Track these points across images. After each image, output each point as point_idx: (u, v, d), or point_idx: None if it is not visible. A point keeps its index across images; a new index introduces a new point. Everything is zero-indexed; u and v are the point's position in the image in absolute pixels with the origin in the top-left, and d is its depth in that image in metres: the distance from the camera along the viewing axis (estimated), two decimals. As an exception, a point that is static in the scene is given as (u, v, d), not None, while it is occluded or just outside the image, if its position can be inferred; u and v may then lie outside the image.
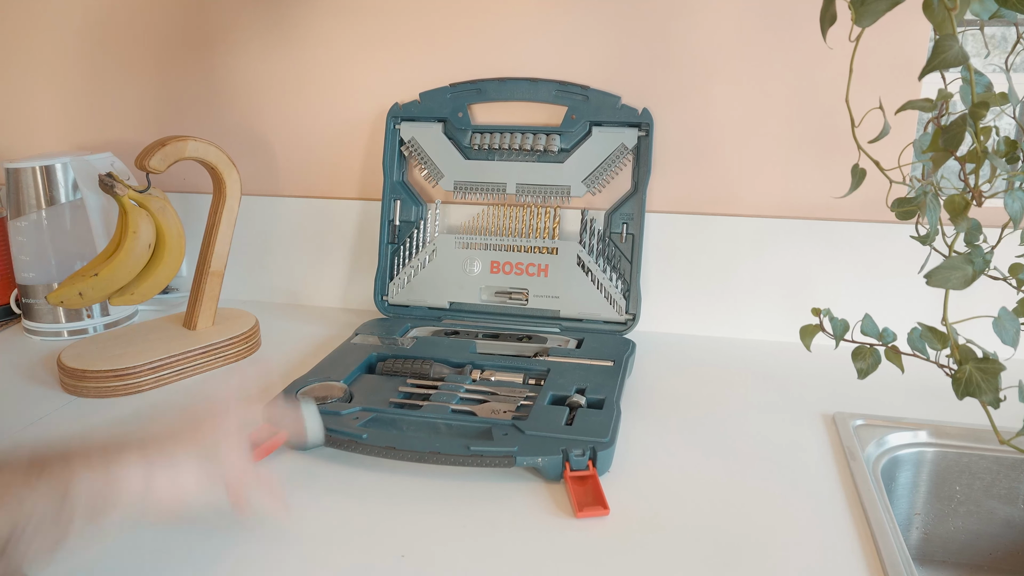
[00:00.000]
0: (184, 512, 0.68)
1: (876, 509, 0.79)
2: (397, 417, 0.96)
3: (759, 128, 1.22)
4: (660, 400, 1.06)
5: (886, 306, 1.10)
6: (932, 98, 0.80)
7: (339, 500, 0.84)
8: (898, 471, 0.96)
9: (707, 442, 0.95)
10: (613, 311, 1.25)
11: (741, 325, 1.27)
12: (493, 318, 1.29)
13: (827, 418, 1.00)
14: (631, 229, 1.26)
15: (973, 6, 0.70)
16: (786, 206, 1.24)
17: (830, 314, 0.88)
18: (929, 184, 0.82)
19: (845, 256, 1.21)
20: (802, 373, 1.13)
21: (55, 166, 1.29)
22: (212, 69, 1.41)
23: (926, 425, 0.97)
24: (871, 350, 0.85)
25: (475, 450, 0.85)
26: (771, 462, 0.90)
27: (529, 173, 1.28)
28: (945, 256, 0.77)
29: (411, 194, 1.35)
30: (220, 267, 1.24)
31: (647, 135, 1.24)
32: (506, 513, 0.81)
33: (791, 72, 1.19)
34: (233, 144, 1.41)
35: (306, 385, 1.02)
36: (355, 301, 1.44)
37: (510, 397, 1.01)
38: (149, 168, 1.12)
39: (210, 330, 1.23)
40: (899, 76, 1.13)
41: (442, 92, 1.30)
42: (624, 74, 1.25)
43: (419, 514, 0.81)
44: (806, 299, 1.17)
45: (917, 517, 0.99)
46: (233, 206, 1.22)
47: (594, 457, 0.86)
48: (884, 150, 0.88)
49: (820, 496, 0.83)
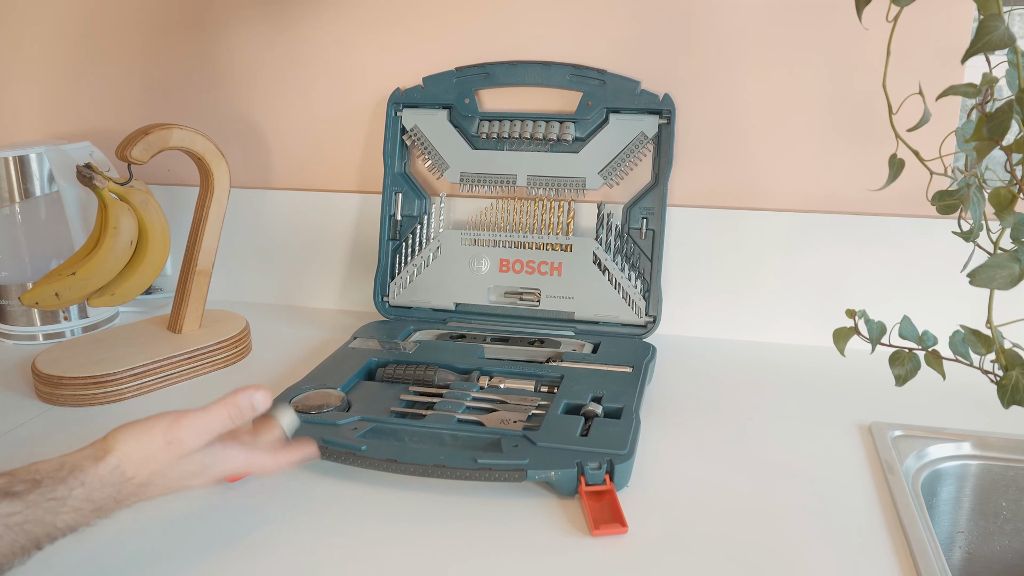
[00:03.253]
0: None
1: (916, 527, 0.80)
2: (399, 427, 0.96)
3: (789, 115, 1.23)
4: (682, 409, 1.07)
5: (926, 307, 1.10)
6: (976, 83, 0.80)
7: (336, 517, 0.84)
8: (940, 486, 0.97)
9: (733, 454, 0.95)
10: (632, 313, 1.25)
11: (769, 328, 1.28)
12: (502, 321, 1.30)
13: (863, 428, 1.01)
14: (651, 224, 1.27)
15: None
16: (818, 199, 1.24)
17: (866, 316, 0.89)
18: (973, 176, 0.82)
19: (882, 253, 1.21)
20: (835, 380, 1.13)
21: (29, 156, 1.30)
22: (200, 51, 1.42)
23: (970, 436, 0.97)
24: (910, 355, 0.85)
25: (483, 463, 0.86)
26: (802, 476, 0.91)
27: (541, 164, 1.29)
28: (990, 253, 0.77)
29: (414, 187, 1.35)
30: (207, 265, 1.25)
31: (669, 123, 1.24)
32: (516, 531, 0.82)
33: (824, 55, 1.19)
34: (222, 133, 1.41)
35: (300, 393, 1.03)
36: (353, 302, 1.45)
37: (520, 406, 1.01)
38: (131, 159, 1.12)
39: (197, 333, 1.24)
40: (940, 59, 1.14)
41: (447, 76, 1.31)
42: (644, 57, 1.25)
43: (423, 532, 0.82)
44: (840, 300, 1.17)
45: (960, 535, 1.00)
46: (222, 200, 1.23)
47: (611, 471, 0.87)
48: (924, 139, 0.88)
49: (855, 513, 0.84)
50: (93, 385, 1.10)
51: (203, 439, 0.74)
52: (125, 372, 1.12)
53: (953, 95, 0.80)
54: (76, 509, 0.67)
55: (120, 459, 0.69)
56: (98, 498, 0.68)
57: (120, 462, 0.69)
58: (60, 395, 1.10)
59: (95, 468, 0.68)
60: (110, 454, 0.69)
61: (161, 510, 0.84)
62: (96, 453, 0.69)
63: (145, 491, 0.71)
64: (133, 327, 1.27)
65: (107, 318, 1.40)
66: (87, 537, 0.68)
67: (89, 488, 0.67)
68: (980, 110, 0.81)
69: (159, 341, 1.21)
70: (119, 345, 1.19)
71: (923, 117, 0.84)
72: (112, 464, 0.69)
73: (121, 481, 0.69)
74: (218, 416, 0.75)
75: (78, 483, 0.67)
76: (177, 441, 0.72)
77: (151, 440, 0.71)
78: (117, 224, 1.16)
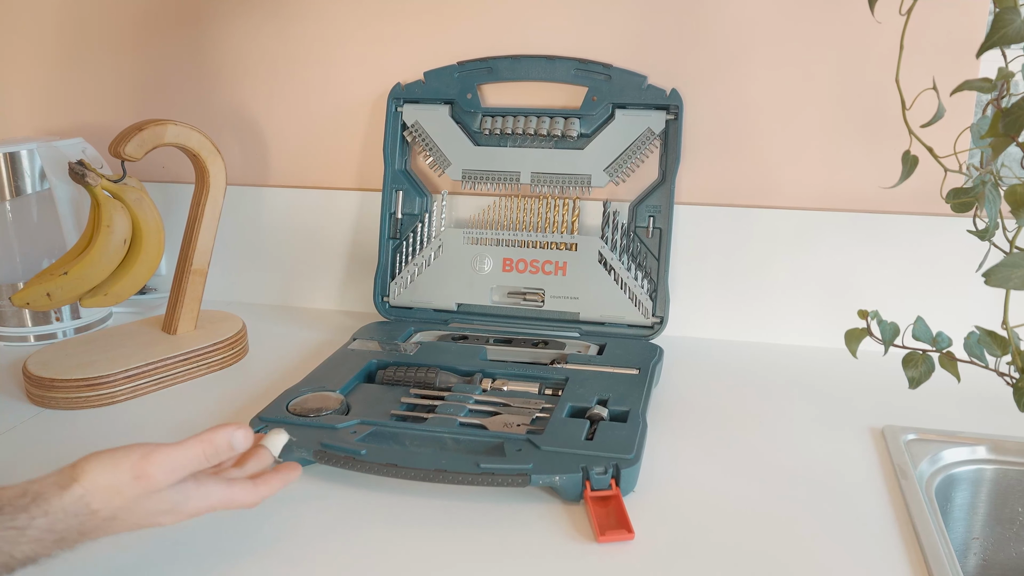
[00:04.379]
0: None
1: (930, 533, 0.80)
2: (399, 431, 0.96)
3: (800, 111, 1.23)
4: (690, 412, 1.07)
5: (940, 308, 1.11)
6: (991, 78, 0.80)
7: (334, 523, 0.85)
8: (954, 491, 0.97)
9: (742, 459, 0.96)
10: (638, 314, 1.26)
11: (780, 329, 1.28)
12: (505, 321, 1.30)
13: (875, 432, 1.01)
14: (658, 223, 1.27)
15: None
16: (830, 197, 1.25)
17: (878, 317, 0.89)
18: (988, 173, 0.82)
19: (895, 253, 1.21)
20: (847, 382, 1.13)
21: (20, 153, 1.30)
22: (195, 45, 1.42)
23: (985, 440, 0.97)
24: (924, 357, 0.85)
25: (486, 467, 0.86)
26: (813, 481, 0.91)
27: (545, 161, 1.29)
28: (1006, 253, 0.77)
29: (415, 184, 1.36)
30: (203, 265, 1.25)
31: (676, 119, 1.24)
32: (520, 537, 0.82)
33: (835, 49, 1.19)
34: (218, 129, 1.42)
35: (298, 396, 1.03)
36: (353, 303, 1.45)
37: (524, 409, 1.01)
38: (125, 155, 1.12)
39: (192, 335, 1.24)
40: (955, 53, 1.14)
41: (449, 71, 1.31)
42: (651, 51, 1.25)
43: (424, 538, 0.82)
44: (851, 300, 1.17)
45: (975, 542, 1.00)
46: (217, 197, 1.23)
47: (617, 475, 0.87)
48: (938, 135, 0.88)
49: (867, 519, 0.84)
50: (86, 388, 1.10)
51: (174, 477, 0.71)
52: (118, 374, 1.12)
53: (968, 90, 0.80)
54: (37, 540, 0.65)
55: (86, 490, 0.67)
56: (61, 529, 0.66)
57: (86, 493, 0.67)
58: (52, 398, 1.10)
59: (59, 497, 0.66)
60: (76, 483, 0.67)
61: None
62: (62, 481, 0.67)
63: (111, 526, 0.69)
64: (127, 328, 1.28)
65: (100, 319, 1.40)
66: (83, 544, 0.68)
67: (52, 518, 0.65)
68: (996, 105, 0.81)
69: (153, 342, 1.21)
70: (112, 347, 1.19)
71: (937, 112, 0.84)
72: (77, 494, 0.67)
73: (86, 513, 0.67)
74: (192, 454, 0.72)
75: (40, 512, 0.65)
76: (145, 476, 0.69)
77: (119, 473, 0.69)
78: (110, 222, 1.16)
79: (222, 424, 0.75)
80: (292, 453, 0.89)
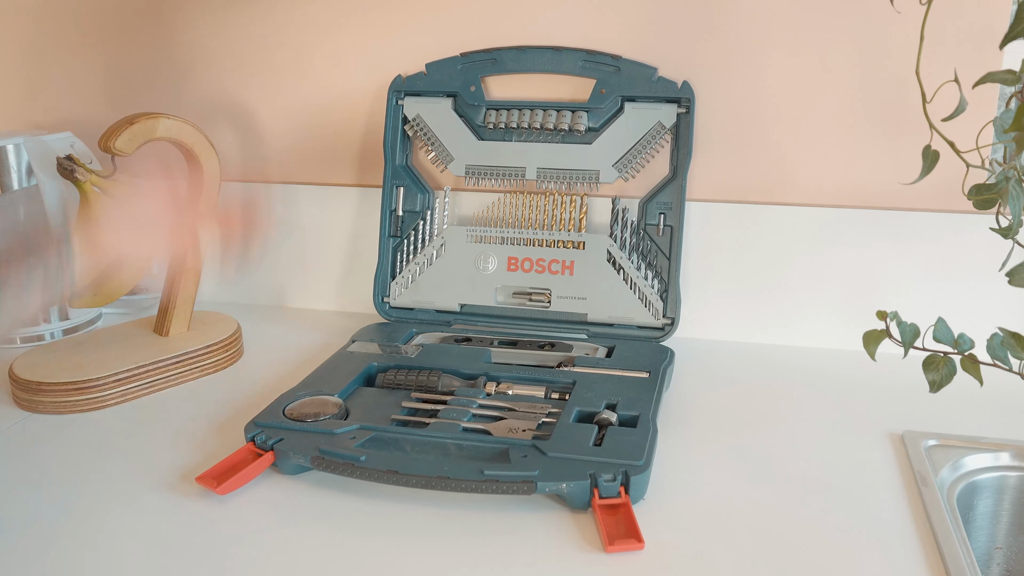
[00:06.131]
0: None
1: (951, 542, 0.80)
2: (400, 437, 0.97)
3: (816, 104, 1.23)
4: (702, 417, 1.07)
5: (962, 309, 1.11)
6: (1015, 70, 0.81)
7: (333, 532, 0.85)
8: (976, 498, 0.97)
9: (756, 465, 0.96)
10: (648, 315, 1.26)
11: (795, 331, 1.28)
12: (510, 323, 1.30)
13: (895, 438, 1.01)
14: (669, 220, 1.27)
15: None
16: (847, 194, 1.25)
17: (898, 318, 0.89)
18: (1012, 168, 0.82)
19: (915, 251, 1.22)
20: (865, 386, 1.13)
21: (7, 148, 1.30)
22: (189, 36, 1.42)
23: (1009, 446, 0.98)
24: (945, 359, 0.85)
25: (490, 474, 0.86)
26: (829, 488, 0.91)
27: (552, 156, 1.29)
28: (1030, 252, 0.77)
29: (416, 180, 1.36)
30: (197, 264, 1.26)
31: (688, 112, 1.25)
32: (526, 547, 0.82)
33: (853, 40, 1.20)
34: (212, 123, 1.42)
35: (295, 400, 1.03)
36: (352, 303, 1.45)
37: (530, 413, 1.02)
38: (115, 150, 1.12)
39: (185, 336, 1.24)
40: (977, 45, 1.14)
41: (452, 63, 1.32)
42: (662, 42, 1.26)
43: (425, 548, 0.82)
44: (870, 301, 1.17)
45: (998, 552, 1.00)
46: (212, 194, 1.24)
47: (627, 483, 0.87)
48: (960, 129, 0.89)
49: (887, 527, 0.84)
50: (74, 391, 1.10)
51: None
52: (108, 378, 1.12)
53: (991, 82, 0.80)
54: None
55: None
56: None
57: None
58: (39, 402, 1.10)
59: None
60: None
61: (150, 524, 0.85)
62: None
63: None
64: (117, 330, 1.28)
65: (89, 320, 1.40)
66: (73, 552, 0.69)
67: None
68: (1019, 98, 0.81)
69: (145, 345, 1.21)
70: (102, 349, 1.20)
71: (959, 106, 0.84)
72: None
73: None
74: None
75: None
76: None
77: None
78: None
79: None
80: (289, 459, 0.90)
